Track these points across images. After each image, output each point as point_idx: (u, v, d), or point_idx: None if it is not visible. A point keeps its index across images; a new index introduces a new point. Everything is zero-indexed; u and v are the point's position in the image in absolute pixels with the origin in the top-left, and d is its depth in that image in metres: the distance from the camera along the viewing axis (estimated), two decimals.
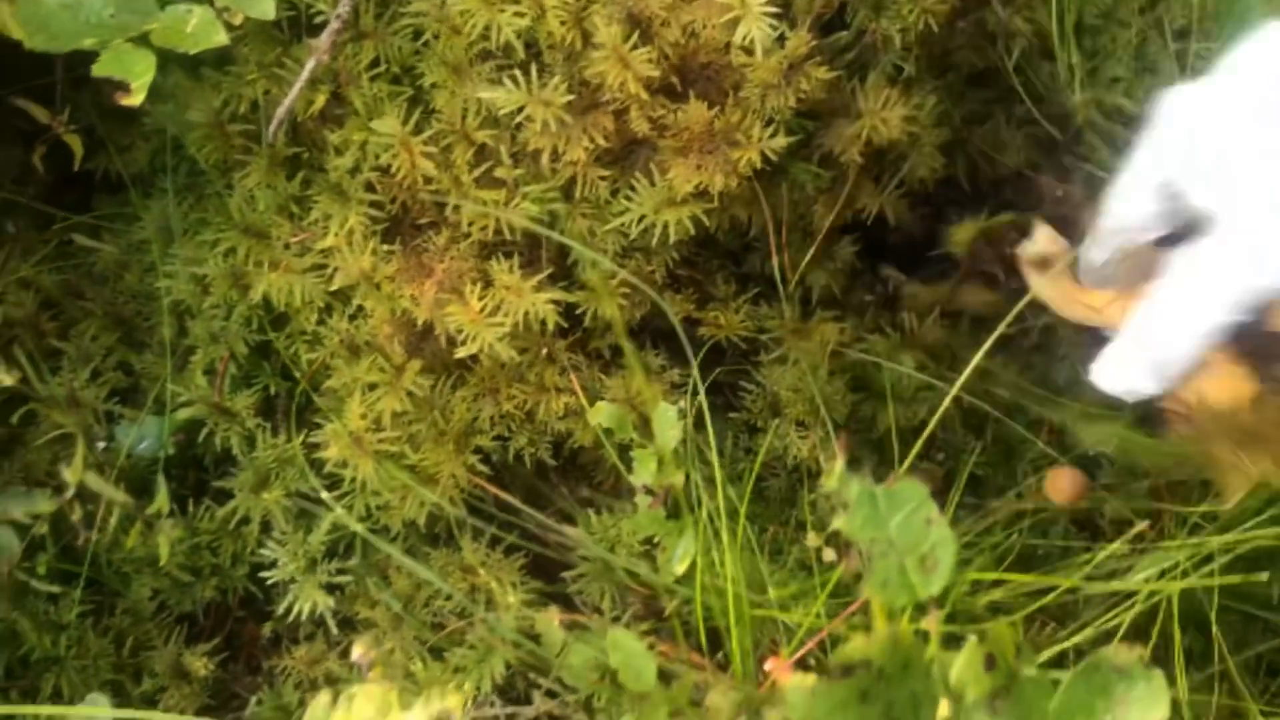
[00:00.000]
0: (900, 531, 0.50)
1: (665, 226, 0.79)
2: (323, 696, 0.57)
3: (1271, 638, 0.86)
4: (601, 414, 0.79)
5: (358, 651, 0.64)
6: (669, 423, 0.79)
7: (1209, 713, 0.81)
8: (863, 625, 0.71)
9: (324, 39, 0.75)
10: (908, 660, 0.50)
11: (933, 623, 0.51)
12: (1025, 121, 0.92)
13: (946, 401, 0.75)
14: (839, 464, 0.50)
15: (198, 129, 0.88)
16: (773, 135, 0.77)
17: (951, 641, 0.54)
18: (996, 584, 0.83)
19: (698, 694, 0.71)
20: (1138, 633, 0.83)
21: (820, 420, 0.85)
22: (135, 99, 0.71)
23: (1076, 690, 0.51)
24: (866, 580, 0.50)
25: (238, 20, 0.78)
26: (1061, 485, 0.82)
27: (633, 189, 0.80)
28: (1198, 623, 0.85)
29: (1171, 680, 0.78)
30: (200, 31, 0.73)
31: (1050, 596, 0.78)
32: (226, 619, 0.94)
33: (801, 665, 0.74)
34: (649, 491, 0.79)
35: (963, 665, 0.52)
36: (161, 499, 0.82)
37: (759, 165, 0.76)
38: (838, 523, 0.50)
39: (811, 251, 0.83)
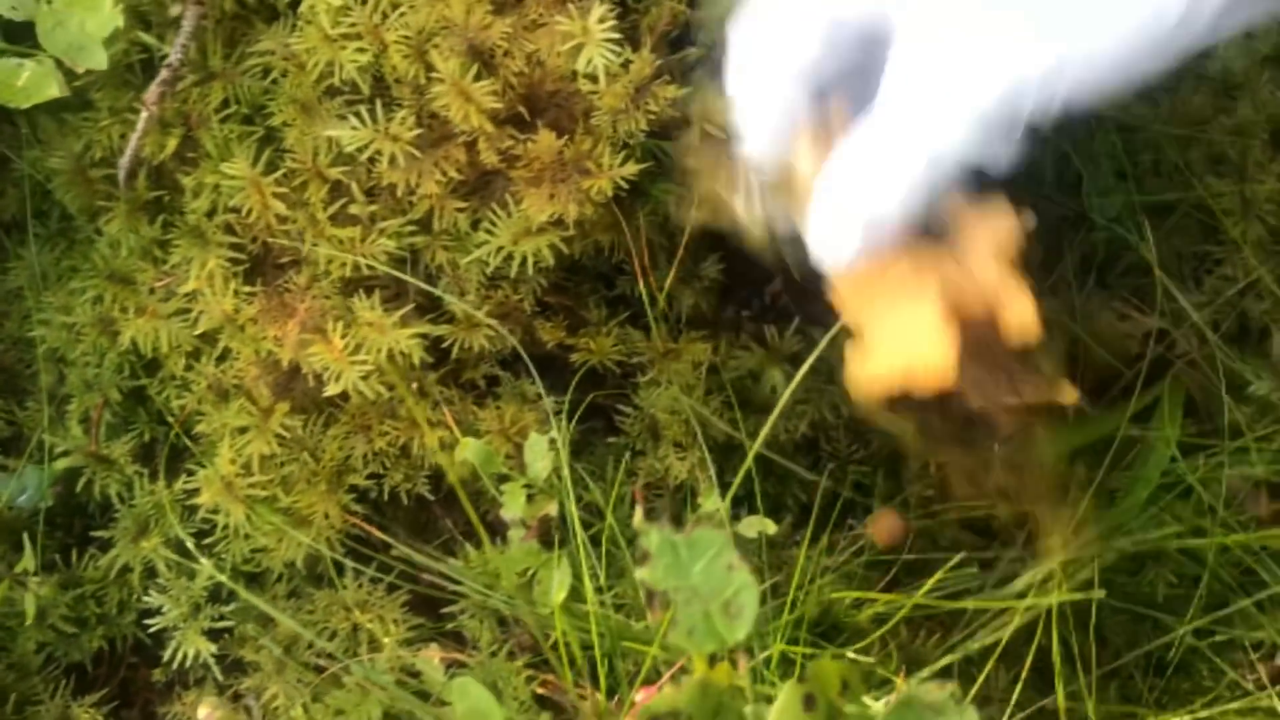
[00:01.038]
0: (703, 579, 0.49)
1: (525, 257, 0.78)
2: None
3: (1159, 636, 0.86)
4: (468, 450, 0.78)
5: (203, 712, 0.64)
6: (540, 454, 0.78)
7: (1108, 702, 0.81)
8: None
9: (152, 90, 0.74)
10: (719, 707, 0.50)
11: (742, 670, 0.50)
12: None
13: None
14: (638, 513, 0.50)
15: (61, 175, 0.87)
16: (624, 161, 0.76)
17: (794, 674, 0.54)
18: (878, 600, 0.83)
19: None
20: (1026, 636, 0.83)
21: (698, 441, 0.85)
22: None
23: None
24: (673, 629, 0.49)
25: (80, 69, 0.77)
26: (880, 527, 0.82)
27: (492, 221, 0.79)
28: (1087, 624, 0.84)
29: (1051, 689, 0.78)
30: (32, 85, 0.72)
31: (904, 611, 0.78)
32: (120, 667, 0.93)
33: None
34: (522, 524, 0.79)
35: (781, 708, 0.52)
36: (27, 558, 0.82)
37: (610, 193, 0.76)
38: (639, 573, 0.49)
39: (673, 271, 0.83)
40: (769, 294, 0.91)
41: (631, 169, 0.76)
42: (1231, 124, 0.90)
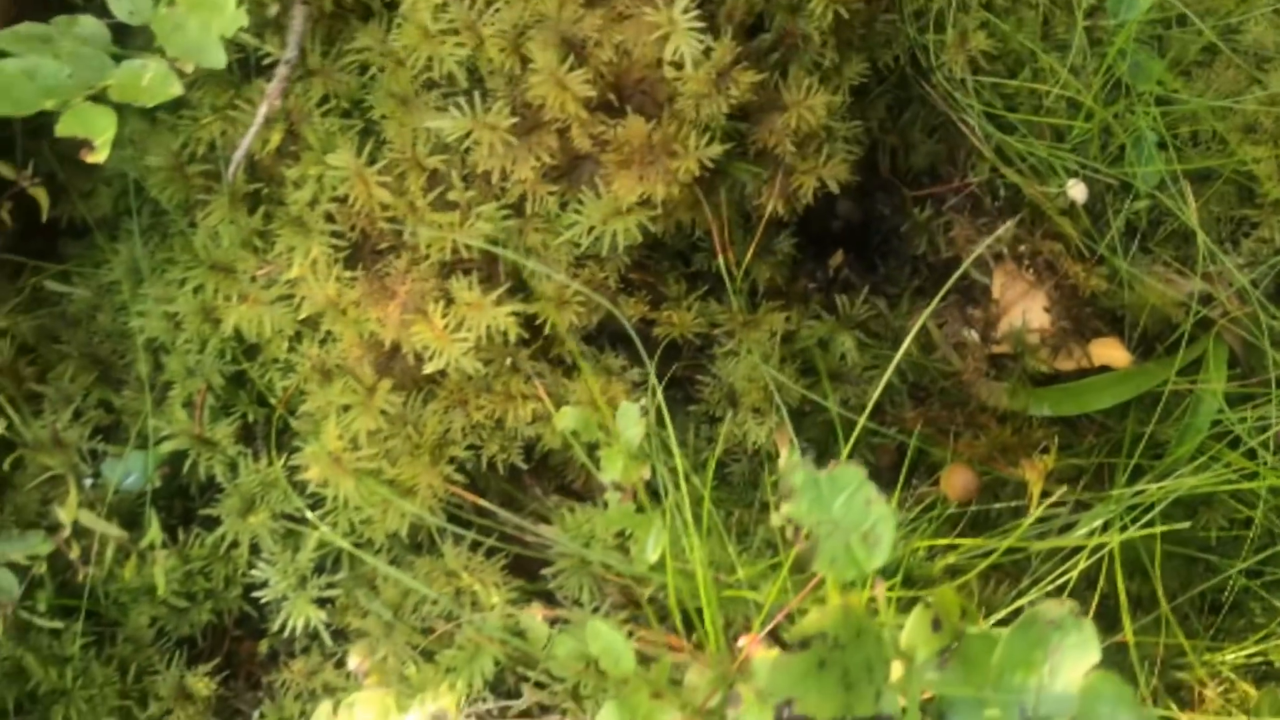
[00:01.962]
0: (843, 512, 0.54)
1: (614, 235, 0.83)
2: (324, 706, 0.61)
3: (1212, 578, 0.91)
4: (566, 418, 0.83)
5: (354, 660, 0.68)
6: (631, 421, 0.83)
7: (1158, 652, 0.86)
8: (823, 598, 0.76)
9: (274, 85, 0.79)
10: (860, 629, 0.55)
11: (881, 593, 0.55)
12: (931, 111, 0.97)
13: (890, 370, 0.79)
14: (784, 454, 0.55)
15: (158, 172, 0.91)
16: (708, 143, 0.81)
17: (907, 606, 0.59)
18: (951, 548, 0.88)
19: (676, 674, 0.76)
20: (1088, 583, 0.88)
21: (775, 406, 0.90)
22: (100, 156, 0.74)
23: (1016, 644, 0.56)
24: (815, 559, 0.54)
25: (189, 69, 0.81)
26: (954, 483, 0.87)
27: (580, 202, 0.84)
28: (1143, 570, 0.90)
29: (1118, 627, 0.84)
30: (155, 85, 0.76)
31: (995, 556, 0.83)
32: (224, 639, 0.97)
33: (773, 639, 0.78)
34: (618, 487, 0.84)
35: (911, 629, 0.57)
36: (154, 531, 0.86)
37: (697, 173, 0.81)
38: (786, 509, 0.54)
39: (752, 247, 0.88)
40: (831, 267, 0.96)
41: (717, 149, 0.81)
42: (1264, 94, 0.95)
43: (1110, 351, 0.88)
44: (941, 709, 0.58)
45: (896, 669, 0.56)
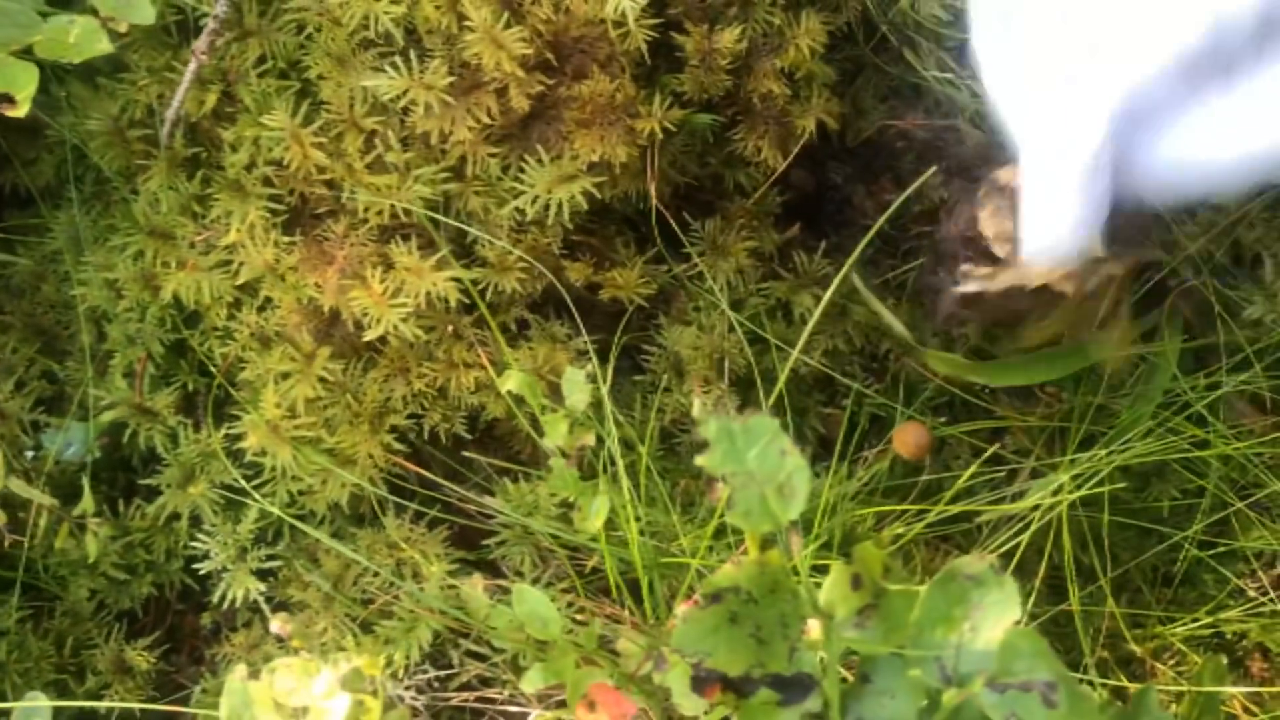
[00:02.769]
0: (758, 463, 0.53)
1: (560, 203, 0.82)
2: (239, 668, 0.60)
3: (1164, 549, 0.90)
4: (511, 380, 0.81)
5: (275, 625, 0.67)
6: (577, 386, 0.81)
7: (1104, 622, 0.85)
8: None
9: (202, 41, 0.77)
10: (775, 584, 0.54)
11: (797, 545, 0.54)
12: (882, 76, 0.95)
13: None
14: (696, 403, 0.53)
15: (98, 137, 0.90)
16: (669, 106, 0.80)
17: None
18: (900, 516, 0.86)
19: (608, 641, 0.75)
20: (1037, 553, 0.87)
21: (721, 375, 0.88)
22: (20, 111, 0.72)
23: (935, 600, 0.54)
24: (730, 511, 0.53)
25: (123, 28, 0.79)
26: (906, 439, 0.86)
27: (523, 169, 0.82)
28: (1094, 540, 0.89)
29: (1065, 595, 0.82)
30: (83, 41, 0.75)
31: (931, 517, 0.82)
32: (166, 612, 0.96)
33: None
34: (561, 453, 0.82)
35: (831, 586, 0.56)
36: (86, 500, 0.85)
37: (660, 136, 0.80)
38: (699, 460, 0.53)
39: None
40: (784, 238, 0.95)
41: (678, 113, 0.80)
42: None
43: None
44: (864, 668, 0.57)
45: (815, 628, 0.55)
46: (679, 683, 0.64)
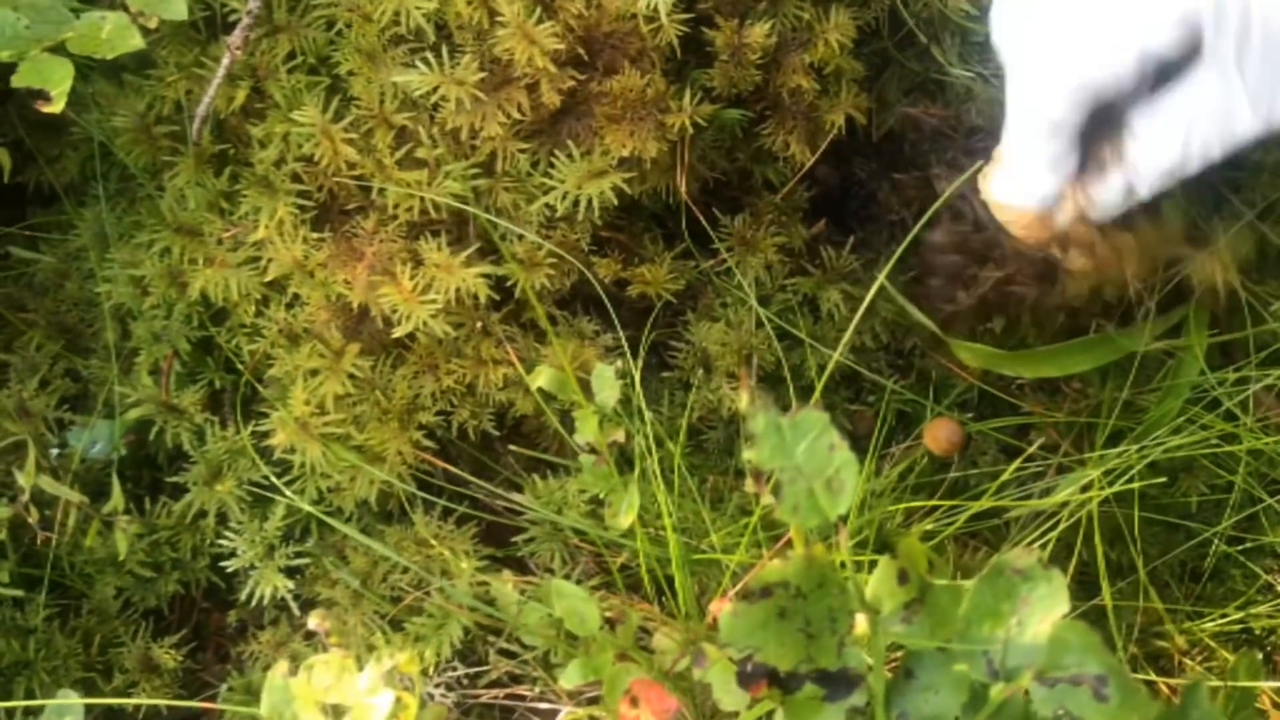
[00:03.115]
0: (806, 458, 0.53)
1: (590, 199, 0.81)
2: (280, 665, 0.60)
3: (1192, 545, 0.90)
4: (541, 377, 0.81)
5: (313, 622, 0.67)
6: (607, 382, 0.81)
7: (1135, 618, 0.85)
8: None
9: (236, 35, 0.77)
10: (823, 579, 0.54)
11: (844, 540, 0.54)
12: (907, 73, 0.95)
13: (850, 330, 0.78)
14: (744, 397, 0.53)
15: (124, 134, 0.89)
16: (699, 101, 0.80)
17: (873, 567, 0.57)
18: (929, 513, 0.86)
19: (644, 637, 0.75)
20: (1067, 550, 0.87)
21: (751, 371, 0.88)
22: (56, 106, 0.72)
23: (983, 595, 0.54)
24: (778, 506, 0.53)
25: (153, 24, 0.79)
26: (938, 435, 0.85)
27: (552, 164, 0.82)
28: (1123, 537, 0.89)
29: (1097, 595, 0.82)
30: (115, 37, 0.74)
31: (968, 515, 0.82)
32: (192, 610, 0.96)
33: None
34: (592, 450, 0.82)
35: (877, 580, 0.56)
36: (116, 498, 0.84)
37: (690, 131, 0.80)
38: (747, 454, 0.53)
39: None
40: (811, 234, 0.94)
41: (708, 108, 0.80)
42: None
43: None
44: (908, 663, 0.57)
45: (861, 622, 0.55)
46: (720, 678, 0.64)
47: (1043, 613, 0.54)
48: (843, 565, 0.55)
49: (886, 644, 0.55)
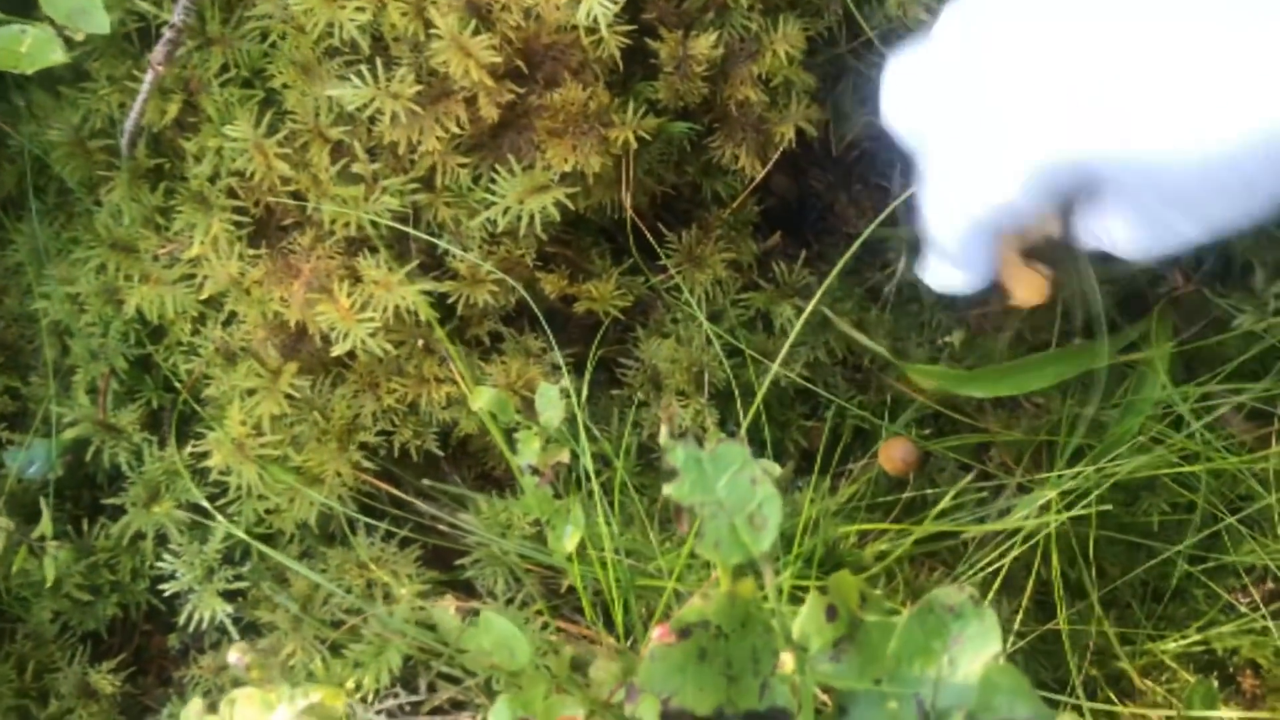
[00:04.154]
0: (727, 492, 0.51)
1: (532, 214, 0.79)
2: (194, 703, 0.57)
3: (1154, 564, 0.88)
4: (483, 398, 0.79)
5: (233, 656, 0.65)
6: (551, 402, 0.79)
7: (1093, 640, 0.83)
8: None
9: (158, 51, 0.75)
10: (747, 617, 0.52)
11: (770, 579, 0.52)
12: (864, 81, 0.93)
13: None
14: (663, 429, 0.51)
15: (59, 147, 0.87)
16: (643, 115, 0.78)
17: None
18: (883, 533, 0.84)
19: (582, 663, 0.73)
20: (1025, 569, 0.85)
21: (700, 388, 0.86)
22: None
23: (913, 632, 0.52)
24: (699, 542, 0.51)
25: (80, 37, 0.77)
26: (892, 455, 0.83)
27: (493, 179, 0.80)
28: (1083, 555, 0.87)
29: (1053, 612, 0.80)
30: (36, 51, 0.72)
31: (918, 534, 0.80)
32: (133, 634, 0.94)
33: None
34: (535, 471, 0.80)
35: (805, 617, 0.54)
36: (45, 523, 0.82)
37: (634, 145, 0.78)
38: (666, 489, 0.51)
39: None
40: (765, 248, 0.92)
41: (652, 122, 0.77)
42: None
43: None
44: (841, 701, 0.55)
45: (786, 660, 0.53)
46: (650, 715, 0.62)
47: (974, 652, 0.52)
48: (769, 601, 0.53)
49: (815, 683, 0.53)
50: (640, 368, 0.89)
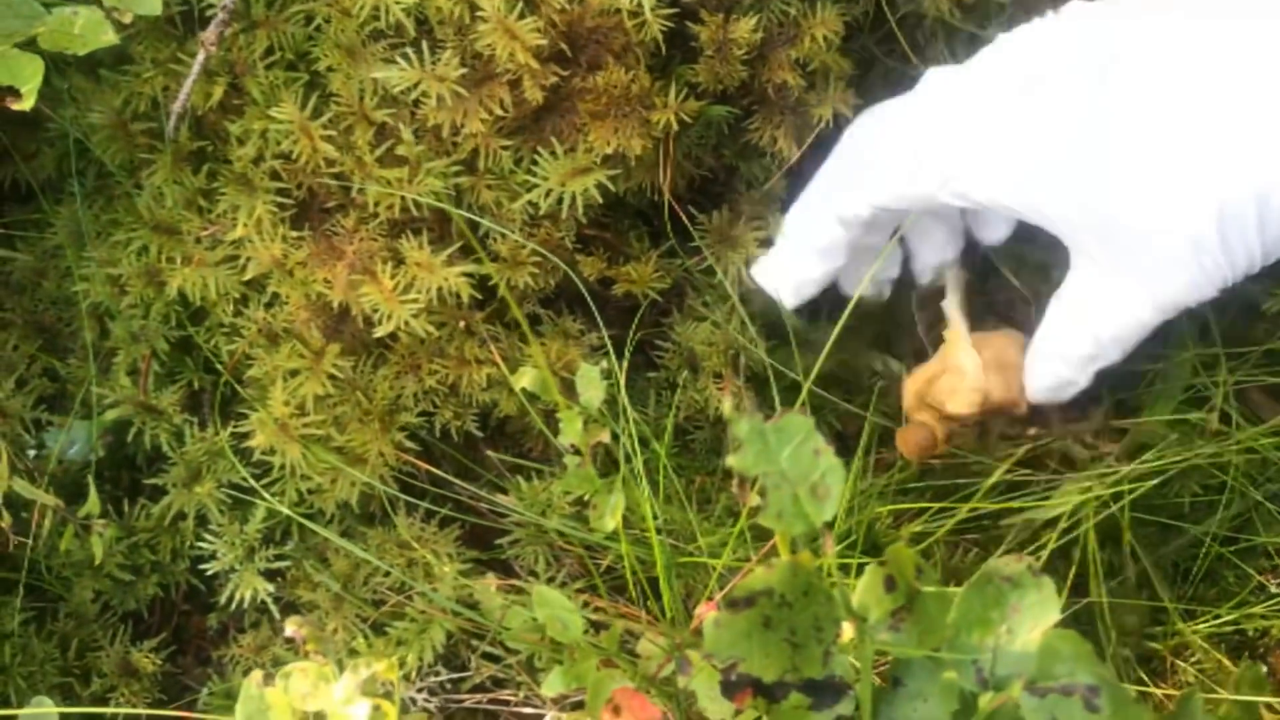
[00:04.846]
0: (790, 463, 0.52)
1: (574, 196, 0.80)
2: (255, 674, 0.58)
3: (1185, 546, 0.89)
4: (525, 378, 0.80)
5: (290, 628, 0.66)
6: (592, 382, 0.80)
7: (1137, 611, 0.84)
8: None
9: (210, 31, 0.75)
10: (808, 586, 0.53)
11: (830, 547, 0.53)
12: (895, 71, 0.94)
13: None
14: (728, 402, 0.52)
15: (101, 130, 0.88)
16: (684, 98, 0.79)
17: (861, 570, 0.56)
18: (918, 515, 0.85)
19: (630, 641, 0.73)
20: (1061, 551, 0.86)
21: (737, 371, 0.87)
22: (25, 104, 0.71)
23: (971, 602, 0.53)
24: (762, 513, 0.52)
25: (128, 19, 0.78)
26: (908, 440, 0.84)
27: (535, 162, 0.81)
28: (1115, 539, 0.88)
29: (1084, 593, 0.81)
30: (88, 32, 0.73)
31: (962, 514, 0.80)
32: (172, 614, 0.95)
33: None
34: (576, 451, 0.81)
35: (864, 588, 0.55)
36: (92, 501, 0.83)
37: (676, 128, 0.79)
38: (730, 460, 0.52)
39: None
40: None
41: (694, 105, 0.78)
42: None
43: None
44: (896, 671, 0.56)
45: (847, 630, 0.54)
46: (705, 686, 0.63)
47: (1033, 621, 0.53)
48: (829, 572, 0.54)
49: (874, 652, 0.54)
50: (676, 350, 0.90)
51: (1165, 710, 0.53)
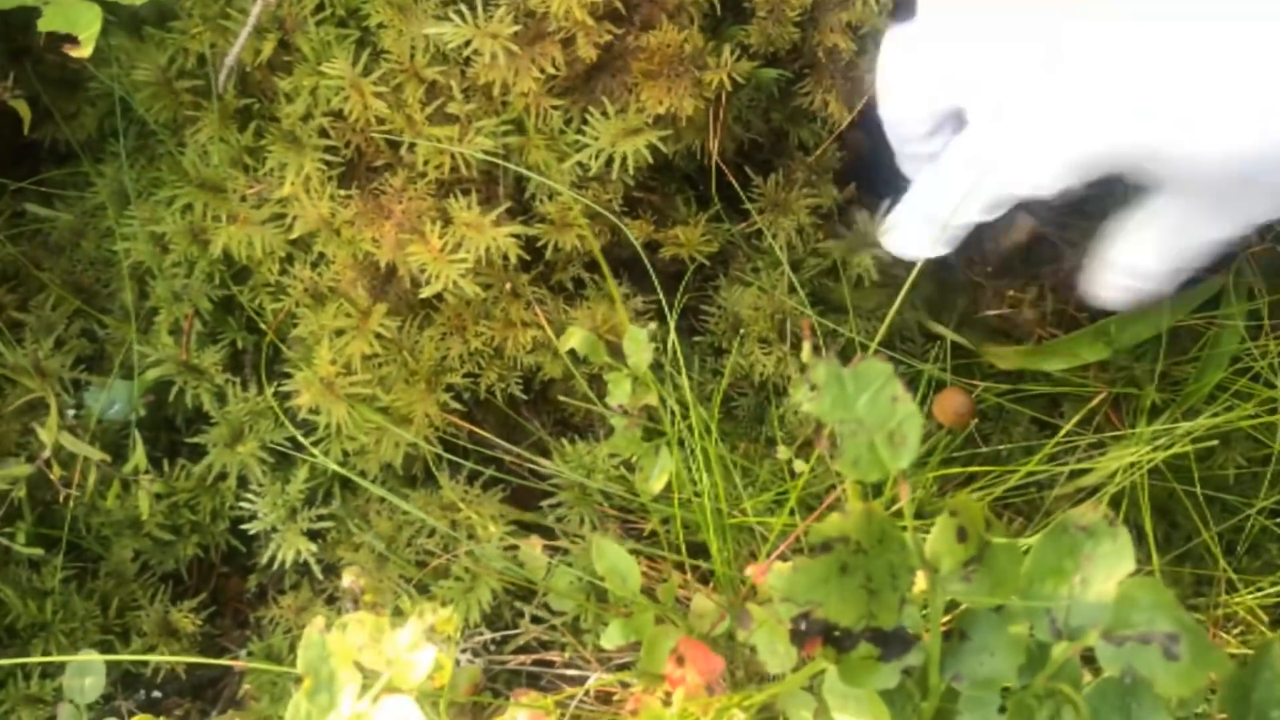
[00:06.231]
0: (868, 410, 0.51)
1: (624, 157, 0.80)
2: (317, 620, 0.58)
3: (1230, 517, 0.89)
4: (574, 339, 0.80)
5: (348, 579, 0.65)
6: (641, 344, 0.80)
7: (1181, 582, 0.84)
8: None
9: None
10: (883, 534, 0.52)
11: (906, 493, 0.52)
12: None
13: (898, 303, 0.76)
14: (807, 346, 0.52)
15: (145, 88, 0.87)
16: (737, 59, 0.78)
17: (921, 532, 0.56)
18: (964, 484, 0.85)
19: (681, 601, 0.73)
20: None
21: (783, 337, 0.87)
22: (84, 51, 0.70)
23: (1046, 552, 0.53)
24: (838, 459, 0.51)
25: None
26: (946, 407, 0.83)
27: (585, 121, 0.80)
28: (1159, 508, 0.87)
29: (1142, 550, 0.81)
30: None
31: (1016, 478, 0.80)
32: (211, 575, 0.94)
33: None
34: (624, 413, 0.81)
35: (936, 538, 0.54)
36: (139, 456, 0.83)
37: (729, 88, 0.78)
38: (807, 405, 0.51)
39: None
40: (841, 199, 0.93)
41: (747, 65, 0.78)
42: None
43: None
44: (962, 624, 0.56)
45: (920, 579, 0.54)
46: (765, 640, 0.63)
47: (1107, 570, 0.52)
48: (903, 520, 0.54)
49: (945, 603, 0.53)
50: (722, 315, 0.89)
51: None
